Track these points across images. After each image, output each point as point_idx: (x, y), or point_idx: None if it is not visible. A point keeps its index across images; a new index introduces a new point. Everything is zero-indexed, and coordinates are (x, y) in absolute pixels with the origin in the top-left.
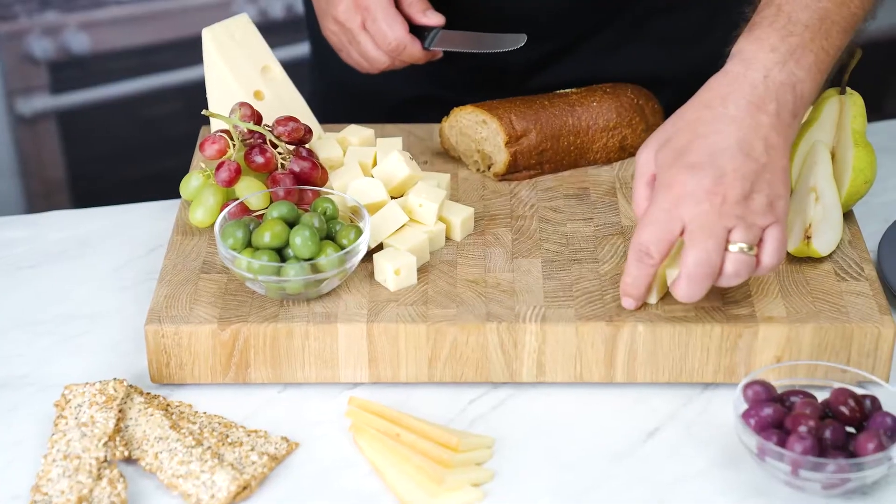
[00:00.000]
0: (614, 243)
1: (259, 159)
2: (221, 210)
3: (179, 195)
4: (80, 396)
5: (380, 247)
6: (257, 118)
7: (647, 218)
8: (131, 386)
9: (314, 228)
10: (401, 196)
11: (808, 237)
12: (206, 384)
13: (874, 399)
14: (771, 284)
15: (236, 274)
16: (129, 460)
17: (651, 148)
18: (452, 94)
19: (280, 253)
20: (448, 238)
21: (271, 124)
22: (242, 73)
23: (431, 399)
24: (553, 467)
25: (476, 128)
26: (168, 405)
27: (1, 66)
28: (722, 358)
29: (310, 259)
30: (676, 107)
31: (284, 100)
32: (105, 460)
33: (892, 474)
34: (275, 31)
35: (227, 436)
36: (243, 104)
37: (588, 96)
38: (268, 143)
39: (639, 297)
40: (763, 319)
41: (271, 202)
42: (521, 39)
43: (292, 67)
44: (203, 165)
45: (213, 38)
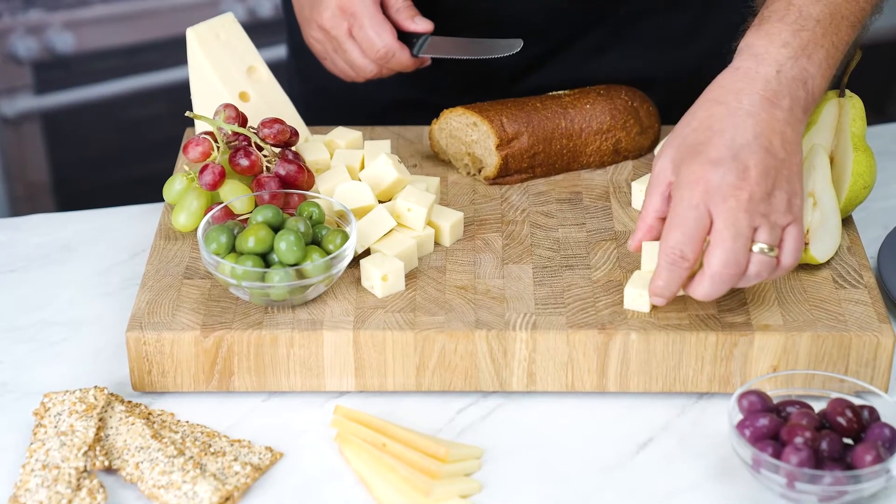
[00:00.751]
0: (607, 249)
1: (244, 162)
2: (205, 214)
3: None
4: (60, 405)
5: (367, 252)
6: (242, 120)
7: (675, 220)
8: (112, 394)
9: (299, 233)
10: (389, 200)
11: (806, 243)
12: (189, 392)
13: (872, 410)
14: (767, 292)
15: (220, 280)
16: (110, 470)
17: (667, 155)
18: (440, 98)
19: (265, 258)
20: (437, 243)
21: (256, 126)
22: (227, 74)
23: (419, 408)
24: (543, 479)
25: (466, 130)
26: (150, 414)
27: None
28: (717, 367)
29: (295, 264)
30: (667, 108)
31: (270, 101)
32: (85, 470)
33: (891, 487)
34: (263, 31)
35: (210, 445)
36: (228, 106)
37: (581, 98)
38: (253, 146)
39: (670, 299)
40: (759, 328)
41: (256, 206)
42: (517, 45)
43: (281, 68)
44: (187, 168)
45: (198, 38)
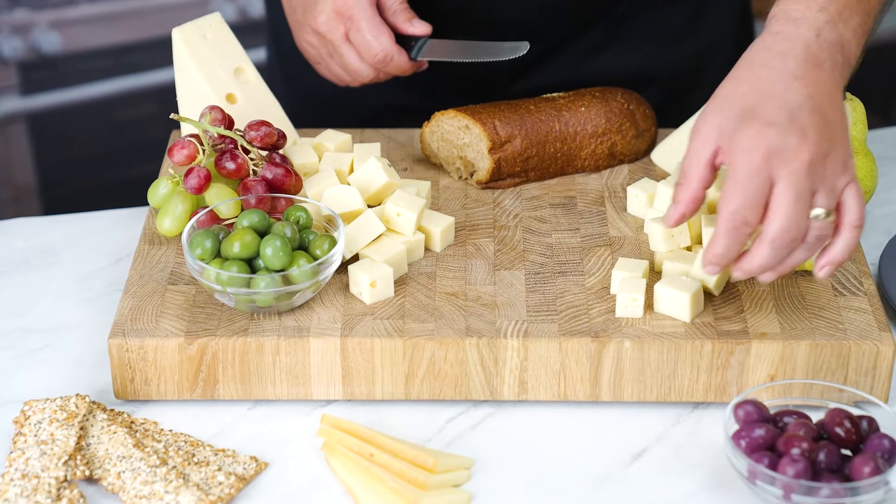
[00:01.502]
0: (601, 255)
1: (230, 165)
2: (190, 218)
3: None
4: (40, 413)
5: (355, 258)
6: (228, 122)
7: (736, 186)
8: (94, 402)
9: (286, 238)
10: (378, 204)
11: None
12: (173, 401)
13: (871, 420)
14: (765, 299)
15: (204, 285)
16: (91, 480)
17: (712, 121)
18: (433, 102)
19: (250, 264)
20: (427, 249)
21: (243, 129)
22: (214, 76)
23: (408, 417)
24: (534, 490)
25: (458, 133)
26: (132, 422)
27: None
28: (712, 376)
29: (281, 270)
30: (665, 107)
31: (258, 103)
32: (65, 480)
33: (889, 500)
34: (254, 32)
35: (194, 455)
36: (213, 108)
37: (576, 101)
38: (239, 149)
39: (724, 267)
40: (756, 336)
41: (242, 210)
42: (523, 47)
43: (271, 69)
44: (172, 171)
45: (184, 39)
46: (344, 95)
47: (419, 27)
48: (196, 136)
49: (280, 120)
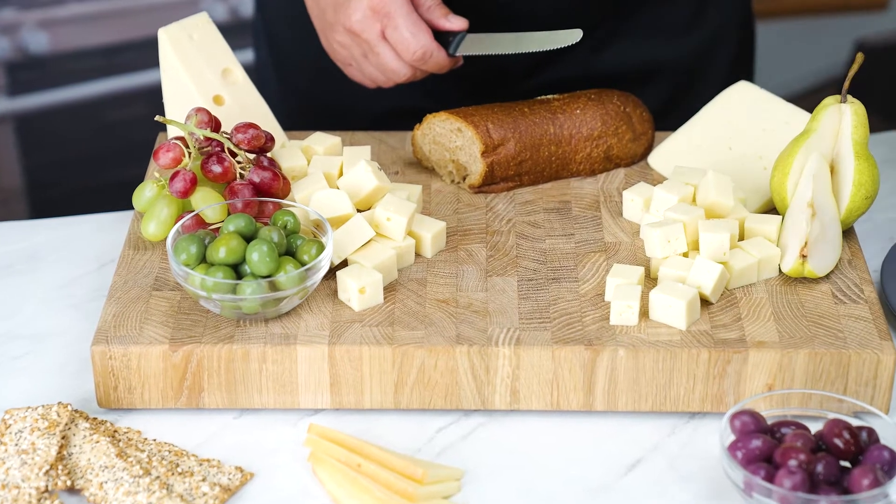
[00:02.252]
0: (596, 261)
1: (216, 169)
2: (175, 223)
3: None
4: (21, 421)
5: (344, 263)
6: (215, 125)
7: None
8: (76, 411)
9: (273, 243)
10: (368, 209)
11: (804, 256)
12: (157, 409)
13: (871, 431)
14: (763, 307)
15: (189, 292)
16: (72, 490)
17: None
18: (434, 104)
19: (236, 269)
20: (418, 254)
21: (230, 131)
22: (201, 77)
23: (397, 427)
24: (526, 502)
25: (450, 136)
26: (115, 432)
27: None
28: (709, 385)
29: (268, 276)
30: (670, 100)
31: (246, 105)
32: (46, 490)
33: None
34: (246, 31)
35: (178, 465)
36: (200, 109)
37: (571, 103)
38: (226, 152)
39: None
40: (754, 344)
41: (229, 215)
42: (577, 35)
43: (259, 72)
44: (157, 175)
45: (170, 39)
46: (348, 98)
47: (456, 22)
48: (182, 139)
49: (268, 122)
